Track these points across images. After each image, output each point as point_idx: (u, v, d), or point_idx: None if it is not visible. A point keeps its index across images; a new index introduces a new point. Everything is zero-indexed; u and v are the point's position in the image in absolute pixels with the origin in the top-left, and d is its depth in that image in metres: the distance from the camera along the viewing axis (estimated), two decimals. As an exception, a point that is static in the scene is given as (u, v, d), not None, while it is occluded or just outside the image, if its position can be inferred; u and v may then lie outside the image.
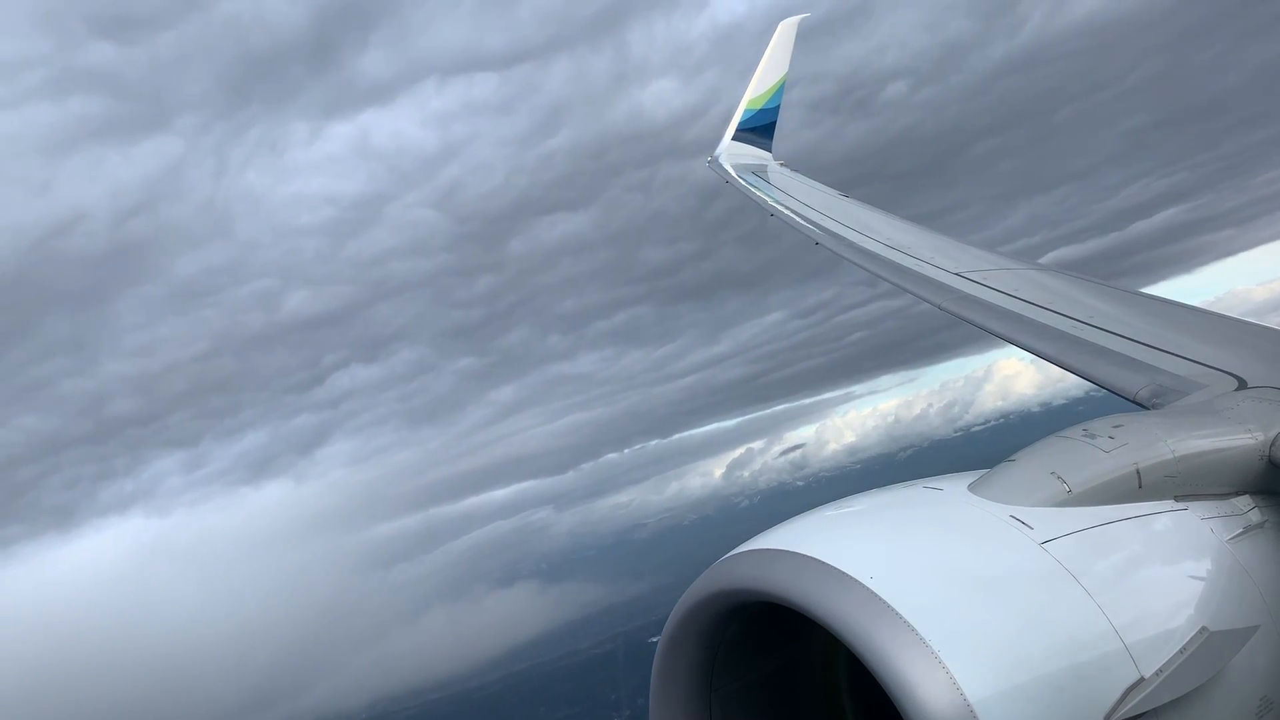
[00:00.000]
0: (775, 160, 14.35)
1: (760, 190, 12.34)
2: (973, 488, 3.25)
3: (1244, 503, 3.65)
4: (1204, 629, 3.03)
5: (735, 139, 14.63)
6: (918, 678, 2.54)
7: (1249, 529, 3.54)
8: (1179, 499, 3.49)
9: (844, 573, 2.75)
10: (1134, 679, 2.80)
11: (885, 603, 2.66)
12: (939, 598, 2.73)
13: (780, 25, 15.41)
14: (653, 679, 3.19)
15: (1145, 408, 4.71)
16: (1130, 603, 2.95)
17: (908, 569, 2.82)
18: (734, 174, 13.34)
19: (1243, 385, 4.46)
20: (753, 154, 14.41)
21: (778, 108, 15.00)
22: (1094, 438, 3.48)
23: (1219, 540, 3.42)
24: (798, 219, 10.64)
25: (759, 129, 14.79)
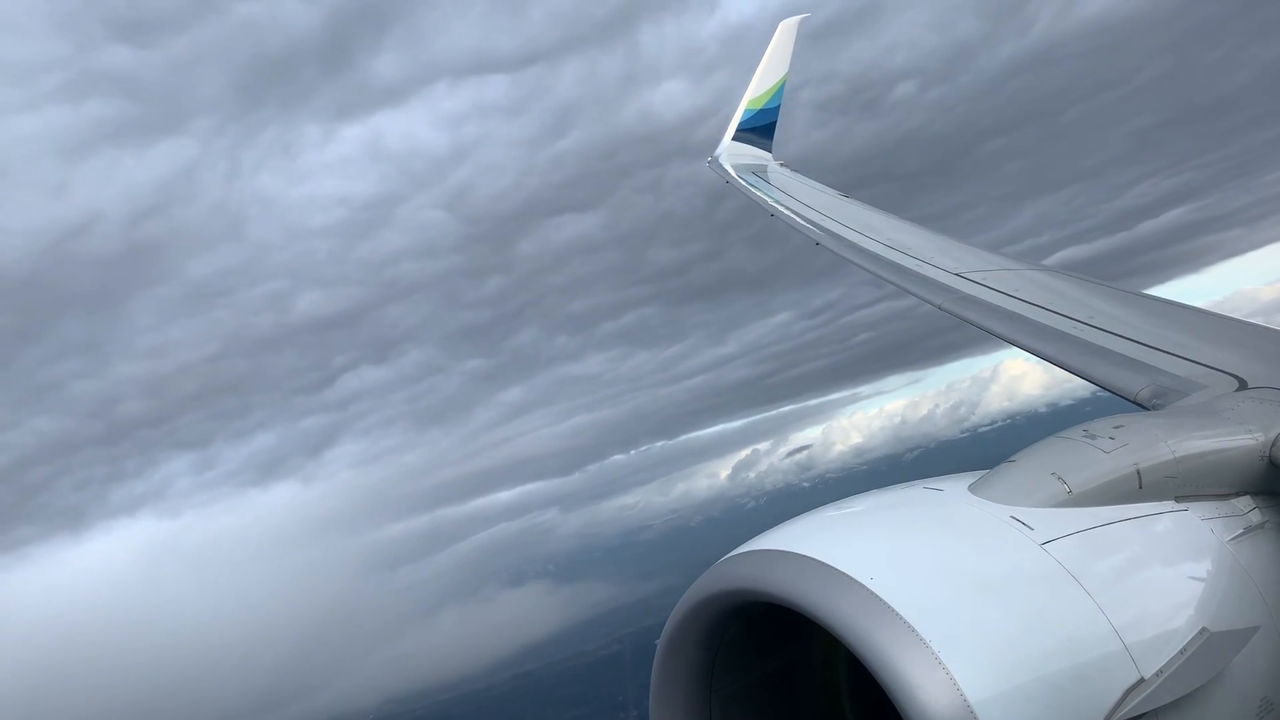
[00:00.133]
0: (775, 160, 14.36)
1: (760, 190, 12.35)
2: (973, 488, 3.25)
3: (1244, 503, 3.65)
4: (1204, 630, 3.03)
5: (735, 139, 14.64)
6: (918, 678, 2.54)
7: (1249, 530, 3.53)
8: (1179, 500, 3.48)
9: (844, 573, 2.75)
10: (1134, 680, 2.79)
11: (885, 603, 2.66)
12: (939, 598, 2.73)
13: (780, 25, 15.40)
14: (653, 680, 3.19)
15: (1146, 408, 4.71)
16: (1130, 603, 2.95)
17: (908, 570, 2.82)
18: (734, 174, 13.35)
19: (1243, 386, 4.46)
20: (753, 154, 14.42)
21: (778, 108, 15.00)
22: (1094, 438, 3.48)
23: (1219, 541, 3.41)
24: (798, 219, 10.64)
25: (759, 129, 14.80)
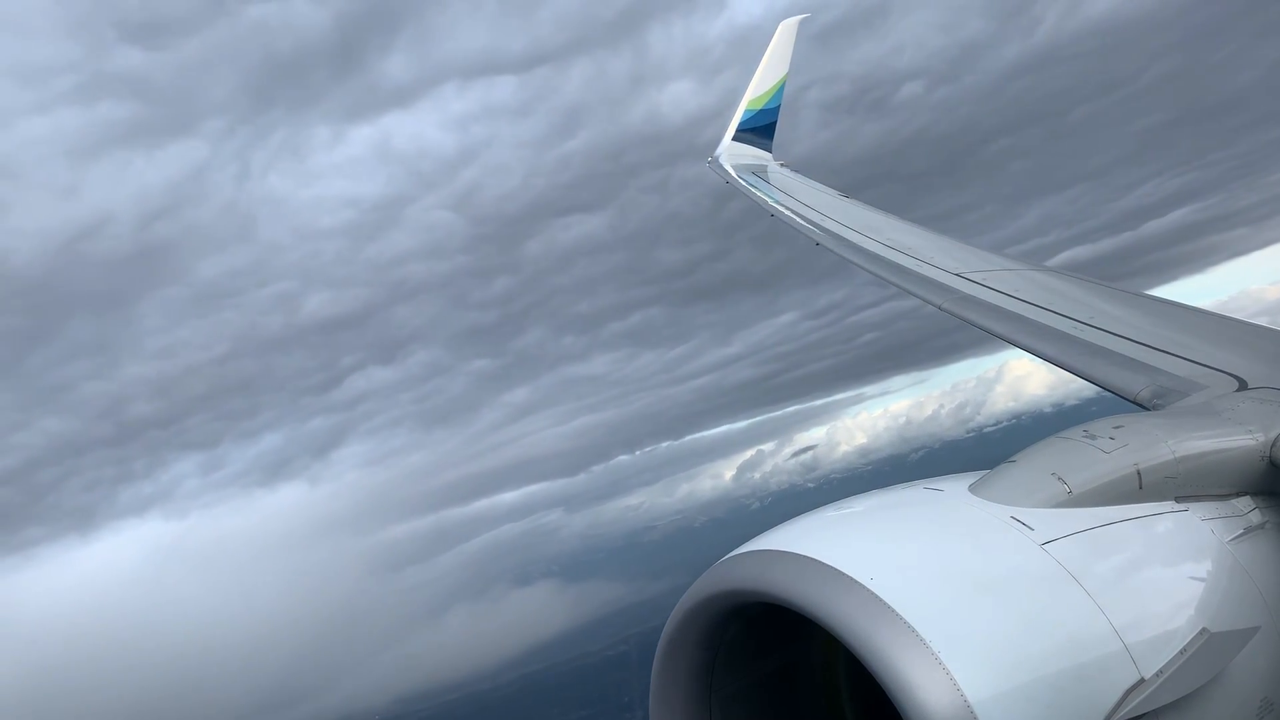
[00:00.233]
0: (775, 161, 14.35)
1: (760, 190, 12.34)
2: (973, 489, 3.24)
3: (1244, 504, 3.64)
4: (1204, 630, 3.02)
5: (735, 139, 14.64)
6: (918, 679, 2.53)
7: (1249, 530, 3.52)
8: (1179, 500, 3.47)
9: (844, 574, 2.75)
10: (1134, 680, 2.79)
11: (885, 604, 2.65)
12: (939, 599, 2.72)
13: (780, 25, 15.39)
14: (652, 680, 3.18)
15: (1146, 408, 4.70)
16: (1131, 604, 2.94)
17: (908, 570, 2.81)
18: (734, 174, 13.35)
19: (1243, 386, 4.45)
20: (753, 154, 14.41)
21: (778, 108, 15.00)
22: (1094, 438, 3.47)
23: (1219, 541, 3.41)
24: (798, 219, 10.63)
25: (759, 129, 14.80)
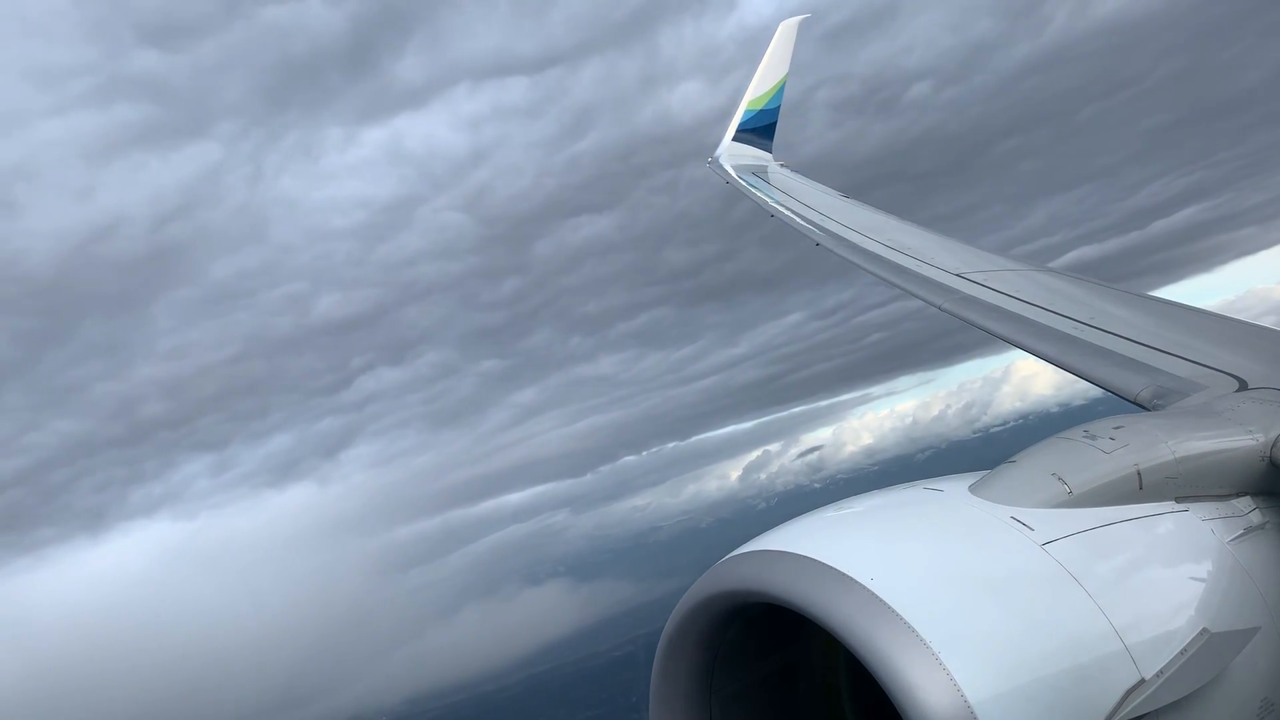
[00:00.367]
0: (775, 161, 14.33)
1: (760, 191, 12.34)
2: (973, 489, 3.24)
3: (1245, 504, 3.63)
4: (1205, 630, 3.02)
5: (735, 139, 14.63)
6: (918, 679, 2.53)
7: (1250, 530, 3.52)
8: (1180, 500, 3.47)
9: (844, 574, 2.75)
10: (1135, 680, 2.79)
11: (886, 604, 2.65)
12: (940, 599, 2.72)
13: (780, 26, 15.37)
14: (652, 681, 3.19)
15: (1146, 409, 4.69)
16: (1131, 604, 2.94)
17: (908, 570, 2.81)
18: (734, 174, 13.34)
19: (1243, 386, 4.45)
20: (753, 154, 14.40)
21: (778, 108, 14.97)
22: (1095, 439, 3.46)
23: (1220, 541, 3.40)
24: (798, 220, 10.62)
25: (759, 129, 14.79)
